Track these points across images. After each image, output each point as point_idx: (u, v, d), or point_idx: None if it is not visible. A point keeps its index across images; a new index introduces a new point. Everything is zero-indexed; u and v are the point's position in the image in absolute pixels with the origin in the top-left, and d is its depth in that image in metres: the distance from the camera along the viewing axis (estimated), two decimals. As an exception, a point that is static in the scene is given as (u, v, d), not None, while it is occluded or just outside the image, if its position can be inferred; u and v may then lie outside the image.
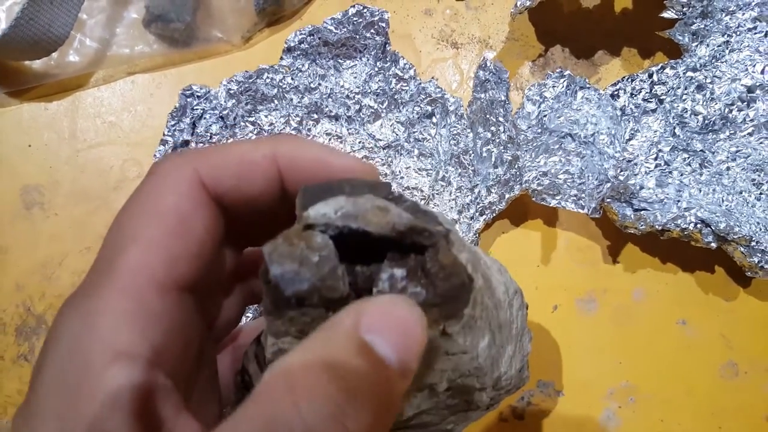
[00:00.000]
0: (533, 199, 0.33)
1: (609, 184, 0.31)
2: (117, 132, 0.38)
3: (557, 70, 0.33)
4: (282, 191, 0.19)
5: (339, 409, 0.13)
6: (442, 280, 0.17)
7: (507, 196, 0.33)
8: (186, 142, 0.35)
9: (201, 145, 0.35)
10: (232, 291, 0.21)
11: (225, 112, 0.35)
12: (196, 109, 0.35)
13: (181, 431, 0.15)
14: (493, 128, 0.33)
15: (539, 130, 0.33)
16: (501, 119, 0.33)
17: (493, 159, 0.33)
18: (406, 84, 0.35)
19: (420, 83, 0.35)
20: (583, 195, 0.33)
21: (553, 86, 0.33)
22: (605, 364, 0.35)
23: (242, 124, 0.35)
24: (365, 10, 0.34)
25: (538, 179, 0.33)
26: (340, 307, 0.16)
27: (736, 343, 0.34)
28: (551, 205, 0.33)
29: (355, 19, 0.34)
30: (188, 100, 0.34)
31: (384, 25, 0.34)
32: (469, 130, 0.34)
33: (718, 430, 0.34)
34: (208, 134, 0.35)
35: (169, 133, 0.34)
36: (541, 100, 0.34)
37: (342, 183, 0.18)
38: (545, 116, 0.33)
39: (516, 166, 0.33)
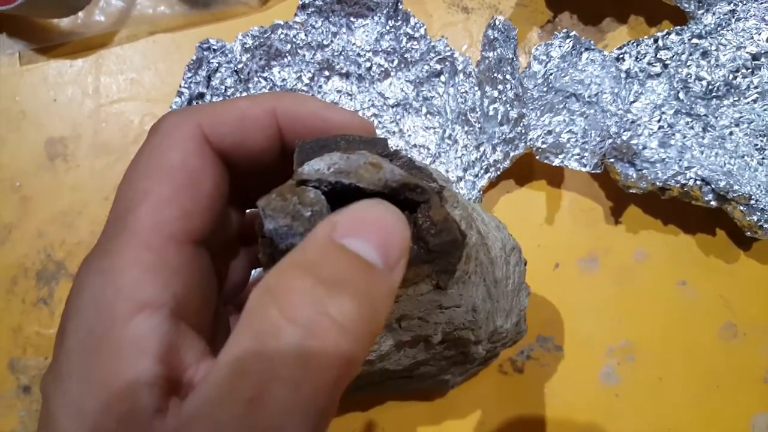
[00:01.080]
0: (537, 157, 0.34)
1: (610, 141, 0.32)
2: (138, 88, 0.39)
3: (564, 31, 0.34)
4: (282, 148, 0.19)
5: (319, 300, 0.13)
6: (434, 236, 0.17)
7: (512, 154, 0.34)
8: (201, 95, 0.36)
9: (216, 98, 0.36)
10: (238, 253, 0.22)
11: (240, 66, 0.36)
12: (212, 62, 0.36)
13: (202, 372, 0.15)
14: (500, 86, 0.34)
15: (545, 89, 0.34)
16: (508, 77, 0.33)
17: (499, 117, 0.34)
18: (416, 42, 0.36)
19: (430, 41, 0.36)
20: (586, 154, 0.33)
21: (560, 46, 0.34)
22: (605, 323, 0.35)
23: (256, 78, 0.36)
24: None
25: (543, 138, 0.34)
26: None
27: (736, 305, 0.35)
28: (554, 164, 0.33)
29: None
30: (205, 53, 0.36)
31: None
32: (476, 89, 0.35)
33: (716, 390, 0.34)
34: (223, 87, 0.36)
35: (186, 85, 0.36)
36: (547, 59, 0.34)
37: (338, 138, 0.18)
38: (551, 75, 0.34)
39: (521, 124, 0.34)
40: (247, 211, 0.22)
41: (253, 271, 0.22)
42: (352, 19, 0.36)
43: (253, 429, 0.12)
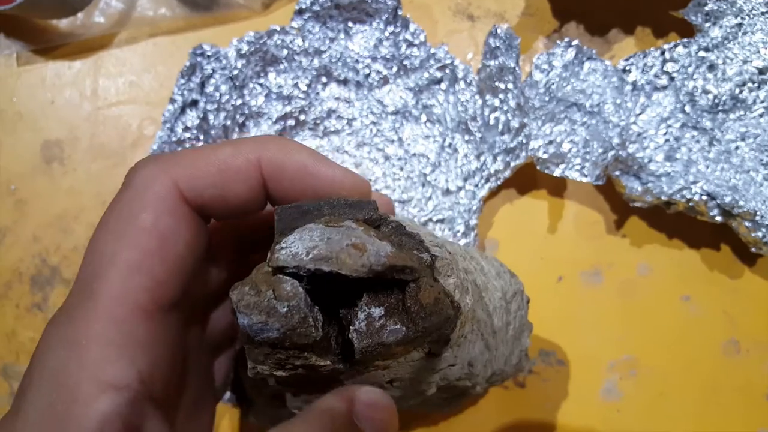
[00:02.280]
0: (538, 167, 0.33)
1: (613, 152, 0.32)
2: (137, 91, 0.38)
3: (566, 40, 0.34)
4: (268, 198, 0.18)
5: None
6: (423, 318, 0.16)
7: (513, 164, 0.34)
8: (195, 102, 0.35)
9: (211, 105, 0.35)
10: (222, 302, 0.21)
11: (235, 73, 0.35)
12: (206, 68, 0.35)
13: None
14: (501, 95, 0.34)
15: (546, 99, 0.34)
16: (510, 86, 0.33)
17: (500, 126, 0.34)
18: (416, 49, 0.35)
19: (430, 48, 0.35)
20: (587, 164, 0.33)
21: (562, 55, 0.34)
22: (608, 337, 0.35)
23: (251, 85, 0.36)
24: None
25: (544, 148, 0.33)
26: (318, 348, 0.16)
27: (739, 321, 0.35)
28: (555, 175, 0.33)
29: None
30: (198, 59, 0.35)
31: None
32: (477, 97, 0.35)
33: (718, 406, 0.34)
34: (217, 94, 0.35)
35: (179, 92, 0.35)
36: (549, 68, 0.34)
37: (321, 204, 0.17)
38: (553, 84, 0.34)
39: (522, 134, 0.33)
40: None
41: None
42: (350, 24, 0.35)
43: None
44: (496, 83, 0.34)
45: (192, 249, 0.17)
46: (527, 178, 0.36)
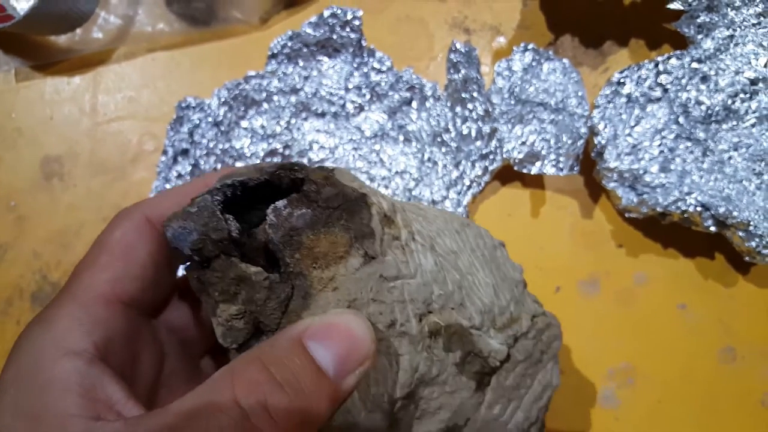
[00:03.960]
0: (515, 168, 0.35)
1: (582, 141, 0.34)
2: (136, 107, 0.39)
3: (521, 44, 0.36)
4: None
5: (263, 393, 0.16)
6: (316, 192, 0.18)
7: (490, 167, 0.35)
8: (185, 151, 0.37)
9: (200, 151, 0.37)
10: (182, 304, 0.25)
11: (219, 119, 0.37)
12: (193, 119, 0.37)
13: (128, 410, 0.17)
14: (469, 105, 0.35)
15: (512, 102, 0.36)
16: (475, 95, 0.35)
17: (473, 134, 0.35)
18: (384, 75, 0.37)
19: (397, 73, 0.37)
20: (561, 158, 0.35)
21: (520, 60, 0.36)
22: (606, 345, 0.35)
23: (236, 129, 0.37)
24: (339, 11, 0.36)
25: (518, 149, 0.35)
26: (247, 251, 0.18)
27: (735, 329, 0.35)
28: (533, 173, 0.35)
29: (330, 20, 0.36)
30: (184, 111, 0.37)
31: (357, 22, 0.36)
32: (447, 110, 0.36)
33: (715, 413, 0.34)
34: (205, 140, 0.37)
35: (170, 144, 0.36)
36: (510, 74, 0.36)
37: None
38: (516, 88, 0.36)
39: (495, 138, 0.35)
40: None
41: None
42: (320, 61, 0.37)
43: None
44: (463, 94, 0.35)
45: (153, 258, 0.21)
46: (525, 192, 0.37)
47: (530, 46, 0.36)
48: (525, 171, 0.35)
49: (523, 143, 0.35)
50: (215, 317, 0.19)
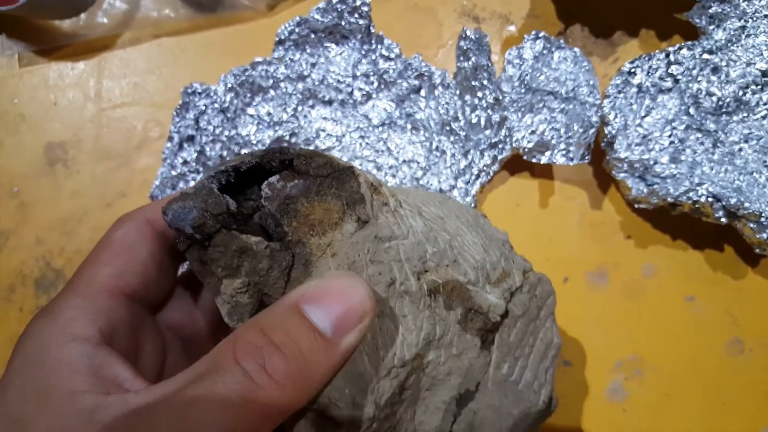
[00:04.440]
0: (525, 157, 0.34)
1: (593, 130, 0.34)
2: (141, 93, 0.38)
3: (533, 32, 0.35)
4: None
5: (262, 356, 0.17)
6: (306, 163, 0.20)
7: (499, 157, 0.35)
8: (191, 137, 0.36)
9: (206, 138, 0.36)
10: (181, 298, 0.25)
11: (225, 105, 0.36)
12: (198, 105, 0.36)
13: (137, 387, 0.18)
14: (479, 93, 0.35)
15: (523, 91, 0.35)
16: (486, 83, 0.34)
17: (482, 123, 0.35)
18: (392, 62, 0.36)
19: (405, 60, 0.36)
20: (571, 147, 0.34)
21: (531, 48, 0.35)
22: (614, 337, 0.35)
23: (242, 116, 0.36)
24: None
25: (528, 138, 0.35)
26: (246, 228, 0.19)
27: (743, 321, 0.35)
28: (542, 162, 0.34)
29: (338, 6, 0.36)
30: (190, 97, 0.36)
31: (366, 8, 0.35)
32: (456, 98, 0.36)
33: (722, 406, 0.34)
34: (211, 127, 0.36)
35: (175, 130, 0.36)
36: (521, 62, 0.35)
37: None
38: (527, 76, 0.35)
39: (505, 127, 0.34)
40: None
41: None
42: (328, 47, 0.37)
43: (181, 424, 0.16)
44: (473, 82, 0.35)
45: (154, 257, 0.22)
46: (534, 183, 0.36)
47: (541, 34, 0.36)
48: (534, 160, 0.34)
49: (533, 132, 0.35)
50: (220, 296, 0.19)
